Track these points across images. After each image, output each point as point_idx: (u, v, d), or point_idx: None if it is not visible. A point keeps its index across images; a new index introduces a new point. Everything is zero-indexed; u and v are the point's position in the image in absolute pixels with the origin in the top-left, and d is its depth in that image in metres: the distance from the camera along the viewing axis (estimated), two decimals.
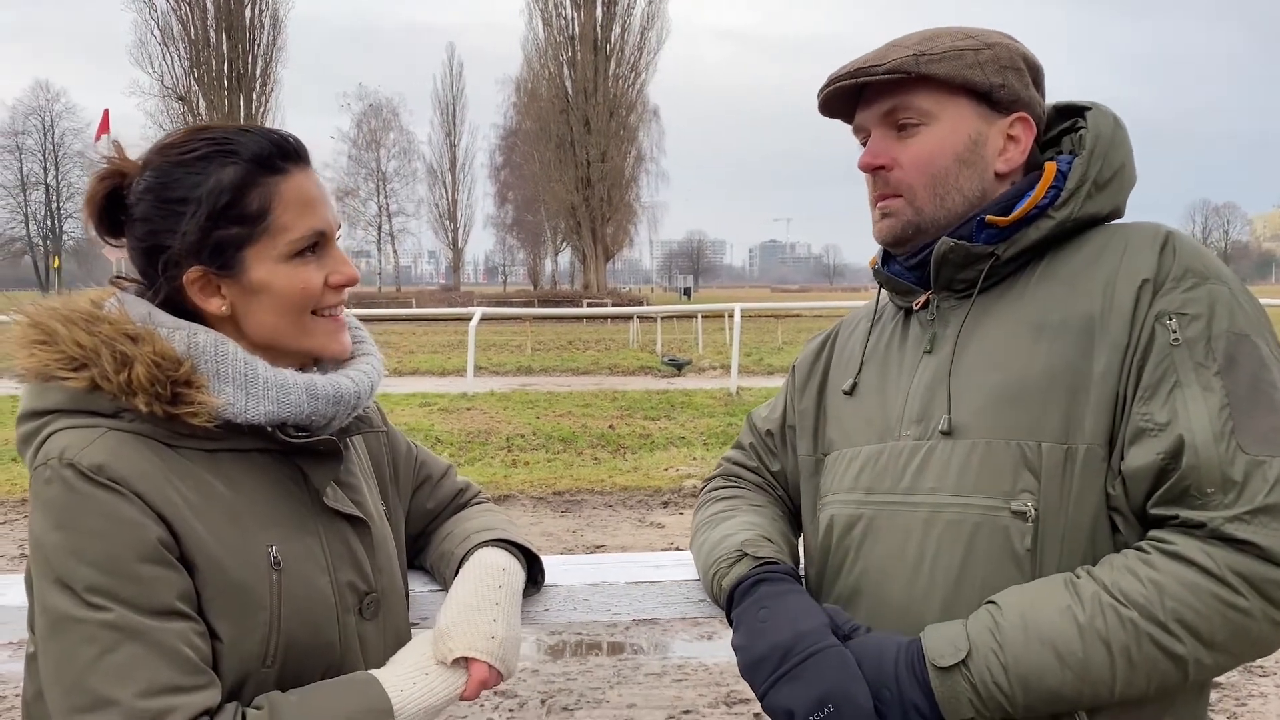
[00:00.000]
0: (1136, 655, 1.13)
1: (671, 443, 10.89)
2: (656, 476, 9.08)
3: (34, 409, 1.20)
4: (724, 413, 12.96)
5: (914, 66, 1.32)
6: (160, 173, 1.23)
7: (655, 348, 23.24)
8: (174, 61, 60.02)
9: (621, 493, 8.60)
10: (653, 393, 15.12)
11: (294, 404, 1.23)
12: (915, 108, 1.35)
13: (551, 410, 13.22)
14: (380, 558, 1.35)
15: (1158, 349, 1.21)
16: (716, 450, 10.44)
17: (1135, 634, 1.13)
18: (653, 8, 64.04)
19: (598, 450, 10.52)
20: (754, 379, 16.85)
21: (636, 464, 9.73)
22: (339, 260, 1.28)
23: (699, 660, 4.91)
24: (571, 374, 18.98)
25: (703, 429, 11.73)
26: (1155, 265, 1.25)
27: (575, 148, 63.69)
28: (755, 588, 1.34)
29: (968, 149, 1.35)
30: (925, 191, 1.36)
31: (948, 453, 1.29)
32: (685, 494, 8.52)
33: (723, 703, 4.43)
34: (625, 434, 11.40)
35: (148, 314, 1.22)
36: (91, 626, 1.08)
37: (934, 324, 1.39)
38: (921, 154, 1.35)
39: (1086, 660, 1.13)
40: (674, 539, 7.16)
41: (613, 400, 14.34)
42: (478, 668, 1.28)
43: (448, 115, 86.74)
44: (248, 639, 1.18)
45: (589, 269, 66.57)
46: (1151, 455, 1.18)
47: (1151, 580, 1.14)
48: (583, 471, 9.34)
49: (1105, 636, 1.13)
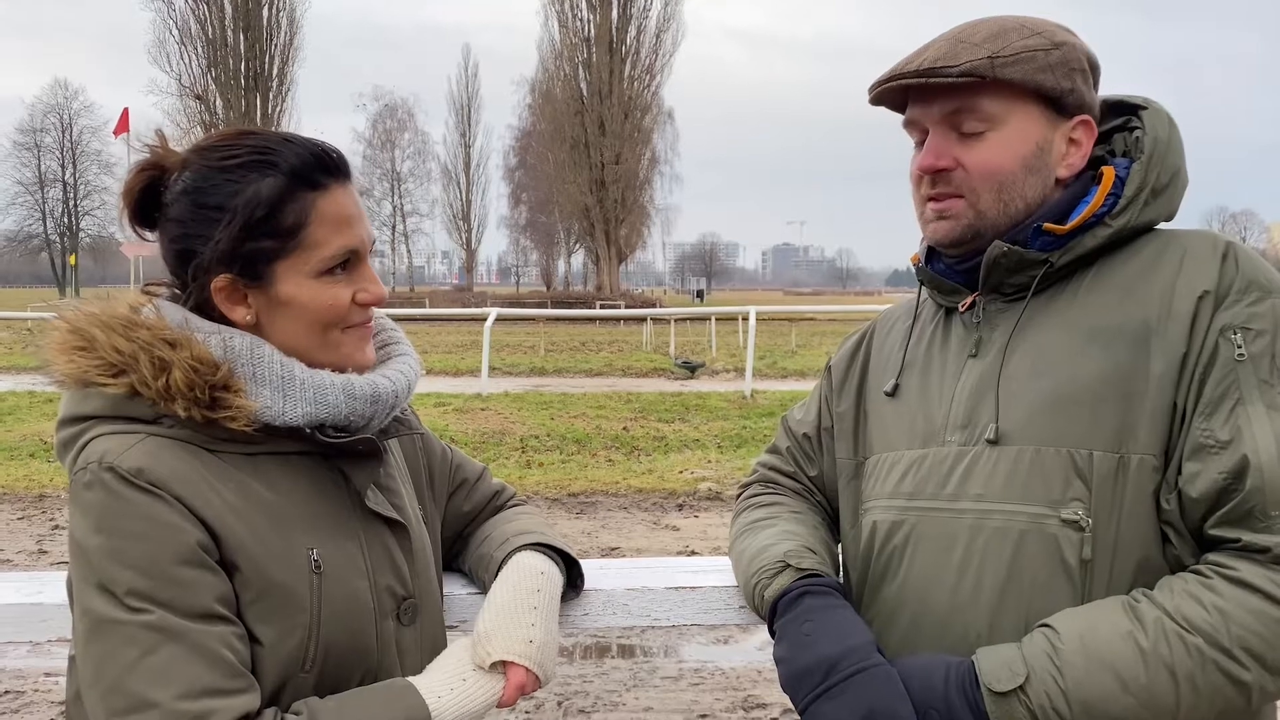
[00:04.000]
0: (1201, 682, 1.11)
1: (686, 445, 10.87)
2: (671, 479, 9.07)
3: (74, 414, 1.20)
4: (738, 415, 12.93)
5: (989, 70, 1.26)
6: (200, 176, 1.21)
7: (669, 350, 23.21)
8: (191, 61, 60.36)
9: (636, 495, 8.59)
10: (667, 395, 15.10)
11: (332, 404, 1.22)
12: (983, 111, 1.29)
13: (565, 411, 13.22)
14: (418, 562, 1.34)
15: (1221, 363, 1.19)
16: (731, 453, 10.42)
17: (1200, 661, 1.11)
18: (669, 9, 64.08)
19: (612, 452, 10.51)
20: (768, 382, 16.80)
21: (651, 466, 9.72)
22: (368, 278, 1.27)
23: (715, 665, 4.89)
24: (585, 375, 18.98)
25: (717, 432, 11.70)
26: (1217, 276, 1.22)
27: (589, 149, 63.72)
28: (800, 600, 1.31)
29: (1034, 156, 1.31)
30: (990, 196, 1.31)
31: (994, 459, 1.26)
32: (700, 497, 8.50)
33: (740, 708, 4.41)
34: (639, 436, 11.38)
35: (184, 319, 1.21)
36: (132, 628, 1.08)
37: (979, 327, 1.36)
38: (990, 160, 1.30)
39: (1151, 687, 1.11)
40: (689, 542, 7.14)
41: (627, 402, 14.33)
42: (515, 672, 1.27)
43: (462, 116, 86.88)
44: (287, 642, 1.17)
45: (602, 270, 66.61)
46: (1213, 474, 1.16)
47: (1216, 607, 1.12)
48: (597, 473, 9.33)
49: (1170, 663, 1.11)
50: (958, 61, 1.27)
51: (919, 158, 1.35)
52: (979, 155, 1.30)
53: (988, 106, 1.29)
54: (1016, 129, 1.30)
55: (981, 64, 1.26)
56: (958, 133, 1.32)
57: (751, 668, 4.85)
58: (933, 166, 1.33)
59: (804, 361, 21.13)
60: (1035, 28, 1.31)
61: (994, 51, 1.27)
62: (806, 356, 22.61)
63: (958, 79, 1.27)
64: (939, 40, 1.33)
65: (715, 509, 8.21)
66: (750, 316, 15.39)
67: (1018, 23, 1.31)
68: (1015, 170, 1.30)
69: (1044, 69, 1.28)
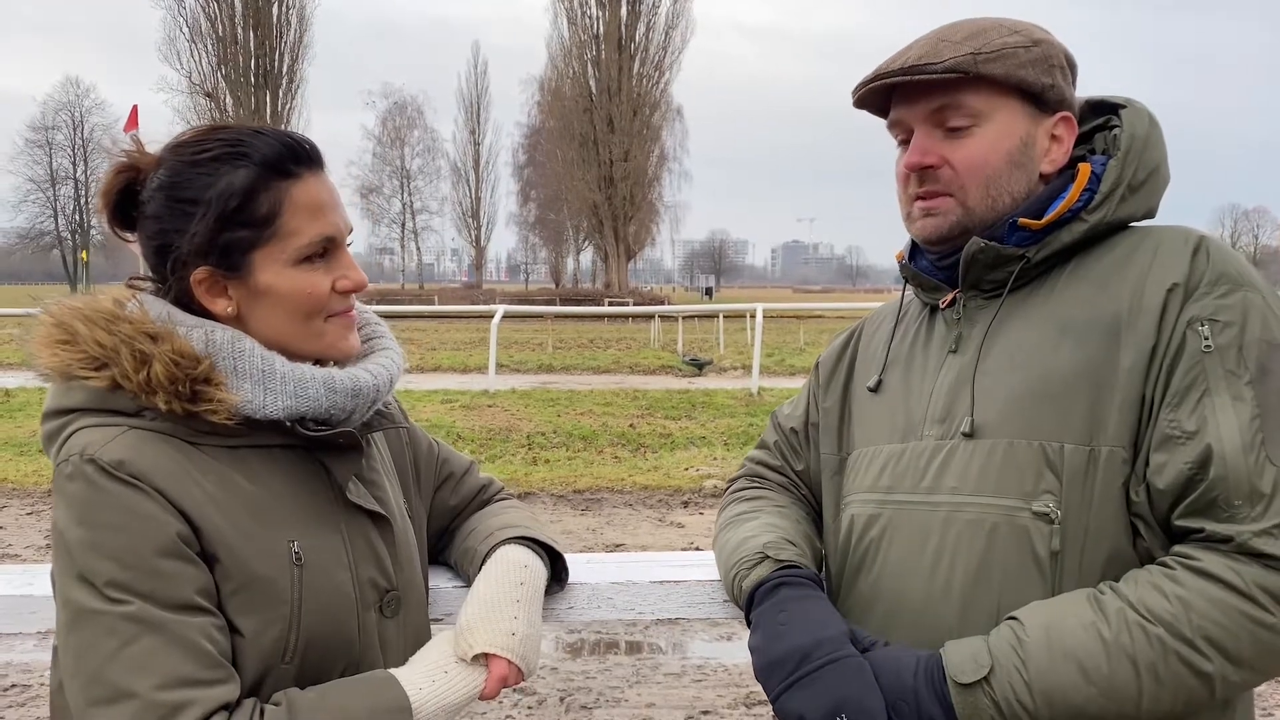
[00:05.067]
0: (1163, 672, 1.11)
1: (692, 442, 10.87)
2: (677, 476, 9.06)
3: (57, 408, 1.21)
4: (745, 413, 12.92)
5: (972, 66, 1.27)
6: (173, 171, 1.23)
7: (676, 347, 23.21)
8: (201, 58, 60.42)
9: (642, 492, 8.59)
10: (673, 392, 15.10)
11: (312, 398, 1.23)
12: (968, 107, 1.31)
13: (572, 408, 13.22)
14: (401, 555, 1.34)
15: (1188, 355, 1.19)
16: (737, 450, 10.41)
17: (1162, 651, 1.11)
18: (678, 6, 63.97)
19: (618, 449, 10.52)
20: (776, 379, 16.78)
21: (657, 463, 9.72)
22: (347, 265, 1.28)
23: (718, 661, 4.89)
24: (592, 373, 18.98)
25: (723, 429, 11.70)
26: (1187, 269, 1.23)
27: (598, 146, 63.71)
28: (776, 590, 1.32)
29: (1019, 151, 1.32)
30: (978, 192, 1.32)
31: (969, 452, 1.27)
32: (706, 494, 8.50)
33: (742, 704, 4.41)
34: (646, 433, 11.38)
35: (166, 313, 1.22)
36: (111, 619, 1.09)
37: (960, 323, 1.37)
38: (975, 156, 1.31)
39: (1112, 677, 1.11)
40: (694, 539, 7.14)
41: (633, 399, 14.33)
42: (498, 665, 1.28)
43: (472, 113, 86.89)
44: (268, 634, 1.18)
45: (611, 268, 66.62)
46: (1179, 464, 1.16)
47: (1178, 597, 1.12)
48: (603, 470, 9.34)
49: (1131, 653, 1.11)
50: (941, 59, 1.29)
51: (905, 156, 1.36)
52: (965, 152, 1.32)
53: (972, 102, 1.31)
54: (1001, 124, 1.31)
55: (964, 60, 1.28)
56: (943, 130, 1.33)
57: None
58: (920, 164, 1.34)
59: (811, 359, 21.00)
60: (1013, 26, 1.33)
61: (975, 49, 1.29)
62: (814, 354, 22.46)
63: (942, 75, 1.28)
64: (920, 41, 1.35)
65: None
66: (757, 314, 15.37)
67: (995, 22, 1.34)
68: (1001, 166, 1.32)
69: (1024, 65, 1.30)
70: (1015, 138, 1.32)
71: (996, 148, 1.31)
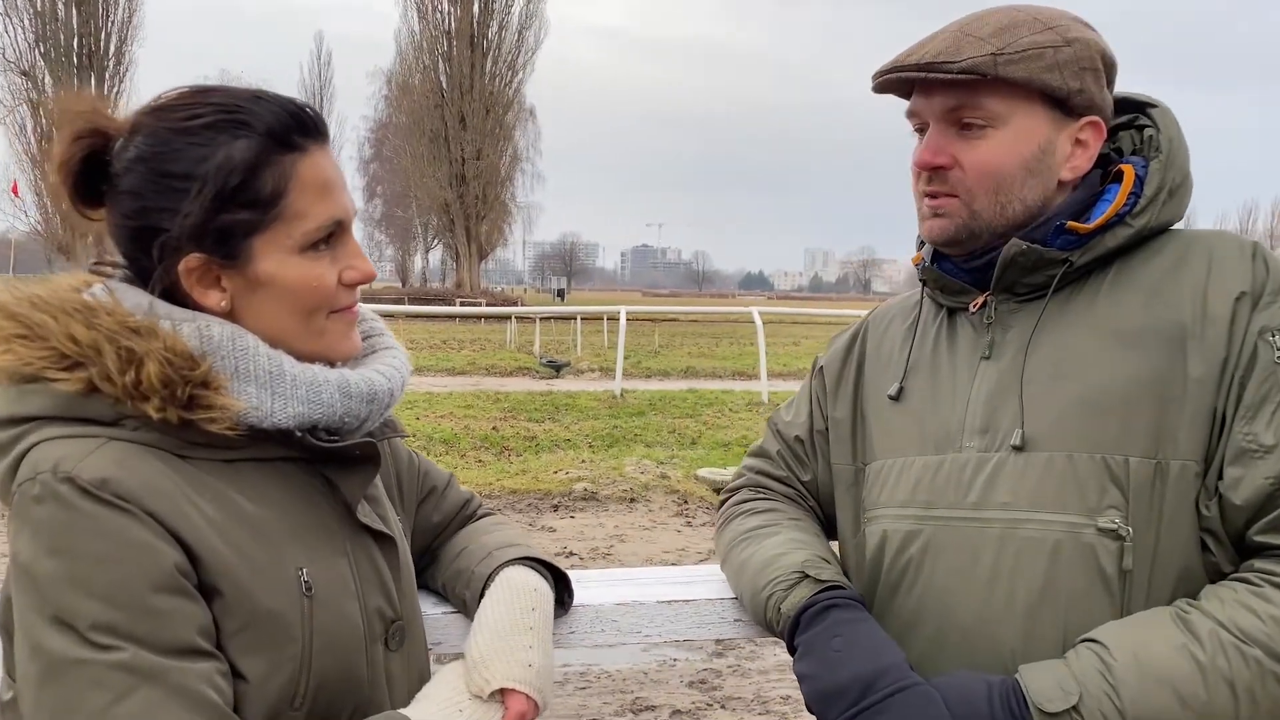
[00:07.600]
0: (1261, 694, 1.09)
1: (558, 445, 10.75)
2: (545, 479, 8.93)
3: (10, 415, 1.01)
4: (609, 415, 12.88)
5: (990, 68, 1.21)
6: (157, 140, 1.05)
7: (533, 349, 22.99)
8: (17, 34, 56.21)
9: (510, 496, 8.41)
10: (535, 394, 14.93)
11: (326, 404, 1.08)
12: (985, 109, 1.24)
13: (431, 411, 12.87)
14: (404, 580, 1.21)
15: (1261, 366, 1.17)
16: (604, 452, 10.36)
17: (1260, 673, 1.09)
18: (531, 7, 63.39)
19: (481, 453, 10.30)
20: (633, 381, 16.82)
21: (524, 467, 9.56)
22: (354, 253, 1.13)
23: (601, 668, 4.81)
24: (448, 374, 18.57)
25: (588, 431, 11.63)
26: (1250, 277, 1.21)
27: (450, 144, 62.53)
28: (826, 613, 1.24)
29: (1035, 158, 1.27)
30: (986, 198, 1.27)
31: (1022, 466, 1.22)
32: (575, 497, 8.40)
33: (629, 710, 4.35)
34: (509, 436, 11.19)
35: (148, 305, 1.04)
36: (99, 669, 0.91)
37: (991, 328, 1.32)
38: (987, 160, 1.26)
39: (1211, 703, 1.08)
40: (566, 543, 7.04)
41: (494, 401, 14.08)
42: (515, 700, 1.15)
43: (315, 105, 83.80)
44: (276, 678, 1.02)
45: (462, 267, 65.44)
46: (1258, 479, 1.14)
47: (1272, 616, 1.10)
48: (468, 474, 9.10)
49: (1229, 676, 1.08)
50: (959, 57, 1.22)
51: (918, 151, 1.30)
52: (978, 154, 1.26)
53: (989, 104, 1.24)
54: (1019, 129, 1.25)
55: (983, 61, 1.21)
56: (958, 129, 1.27)
57: (638, 669, 4.80)
58: (930, 163, 1.28)
59: (667, 361, 21.27)
60: (1049, 21, 1.26)
61: (999, 47, 1.22)
62: (670, 356, 22.78)
63: (957, 76, 1.22)
64: (945, 31, 1.28)
65: (591, 509, 8.13)
66: (620, 316, 15.36)
67: (1031, 15, 1.27)
68: (1014, 172, 1.26)
69: (1051, 67, 1.23)
70: (1033, 143, 1.26)
71: (1011, 153, 1.26)
